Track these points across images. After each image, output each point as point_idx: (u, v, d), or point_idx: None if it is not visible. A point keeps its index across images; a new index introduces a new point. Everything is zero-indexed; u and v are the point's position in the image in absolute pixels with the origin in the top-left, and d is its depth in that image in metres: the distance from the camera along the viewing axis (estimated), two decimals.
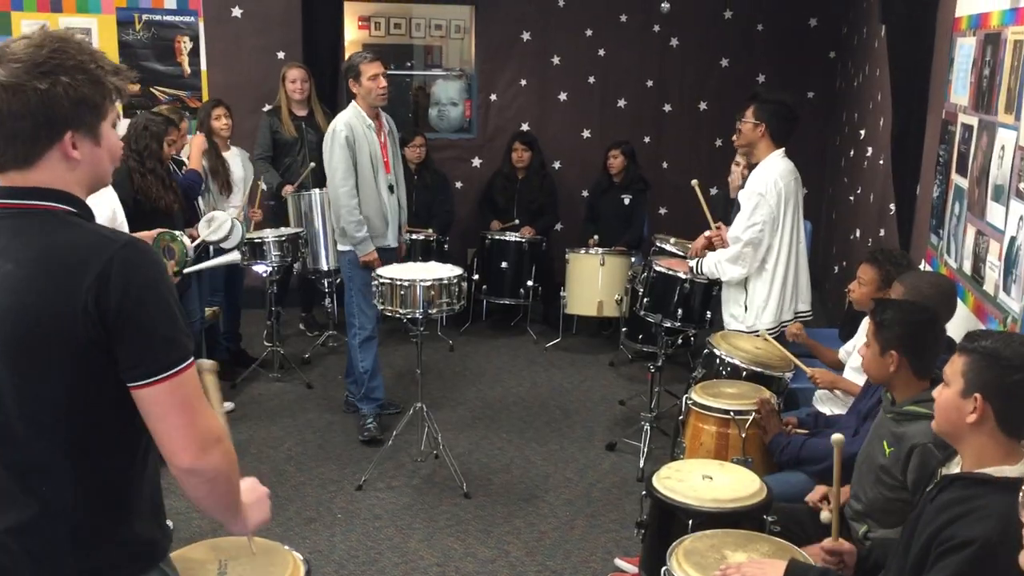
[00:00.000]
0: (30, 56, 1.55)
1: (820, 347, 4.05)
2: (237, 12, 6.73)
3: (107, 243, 1.55)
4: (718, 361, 3.95)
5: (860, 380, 3.61)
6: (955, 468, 2.07)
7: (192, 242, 4.26)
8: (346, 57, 7.03)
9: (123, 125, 4.95)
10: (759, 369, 3.85)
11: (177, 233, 4.11)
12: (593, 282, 6.16)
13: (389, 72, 4.97)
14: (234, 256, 4.56)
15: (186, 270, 4.06)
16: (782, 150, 4.11)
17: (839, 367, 3.87)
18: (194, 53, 6.74)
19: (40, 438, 1.58)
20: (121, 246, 1.55)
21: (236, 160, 5.68)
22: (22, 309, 1.53)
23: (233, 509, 1.77)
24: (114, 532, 1.65)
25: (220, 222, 4.49)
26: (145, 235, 4.06)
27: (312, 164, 5.89)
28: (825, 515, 2.37)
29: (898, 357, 2.67)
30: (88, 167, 1.63)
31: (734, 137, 4.22)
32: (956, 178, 3.68)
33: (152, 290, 1.55)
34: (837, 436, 2.36)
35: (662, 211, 7.32)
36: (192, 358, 1.61)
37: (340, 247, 4.90)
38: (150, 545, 1.71)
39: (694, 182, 4.64)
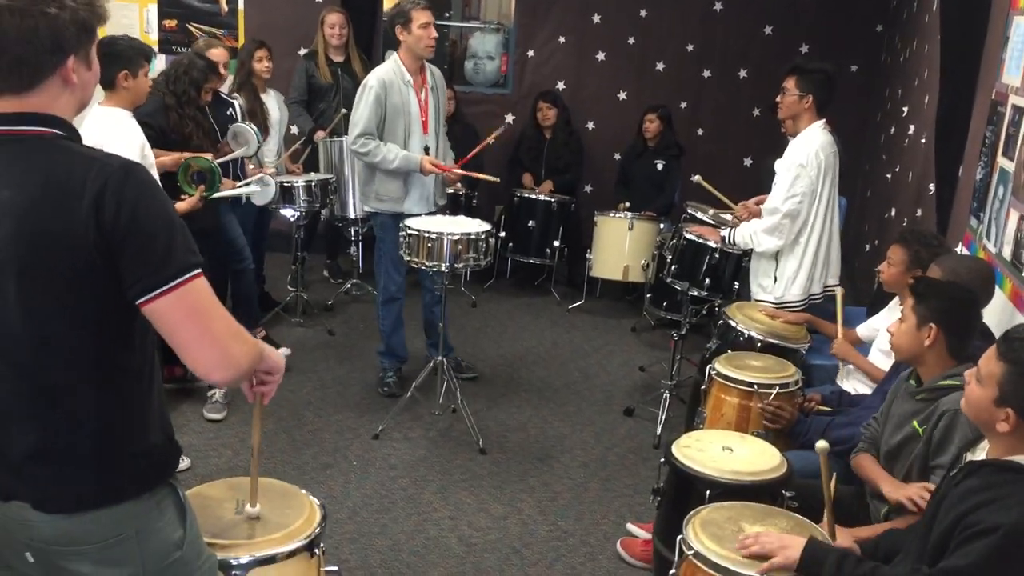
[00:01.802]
0: None
1: (835, 328, 3.98)
2: None
3: (102, 166, 1.57)
4: (734, 332, 3.93)
5: (883, 361, 3.57)
6: (980, 454, 2.04)
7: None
8: (384, 3, 6.99)
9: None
10: (775, 341, 3.84)
11: (205, 156, 4.12)
12: (620, 246, 6.11)
13: None
14: (259, 184, 4.57)
15: (215, 195, 4.07)
16: (823, 121, 4.03)
17: (857, 344, 3.84)
18: None
19: (53, 360, 1.61)
20: (116, 168, 1.58)
21: (273, 102, 5.65)
22: (24, 234, 1.55)
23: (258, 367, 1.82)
24: (131, 445, 1.69)
25: (247, 136, 4.56)
26: (172, 158, 4.06)
27: (344, 111, 5.83)
28: (820, 444, 2.32)
29: (936, 331, 2.61)
30: (80, 91, 1.66)
31: (779, 112, 4.13)
32: (1002, 161, 3.58)
33: (148, 207, 1.57)
34: (821, 444, 2.31)
35: (694, 178, 7.22)
36: (198, 269, 1.61)
37: (366, 208, 4.77)
38: (162, 456, 1.76)
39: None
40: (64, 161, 1.59)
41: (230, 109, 4.95)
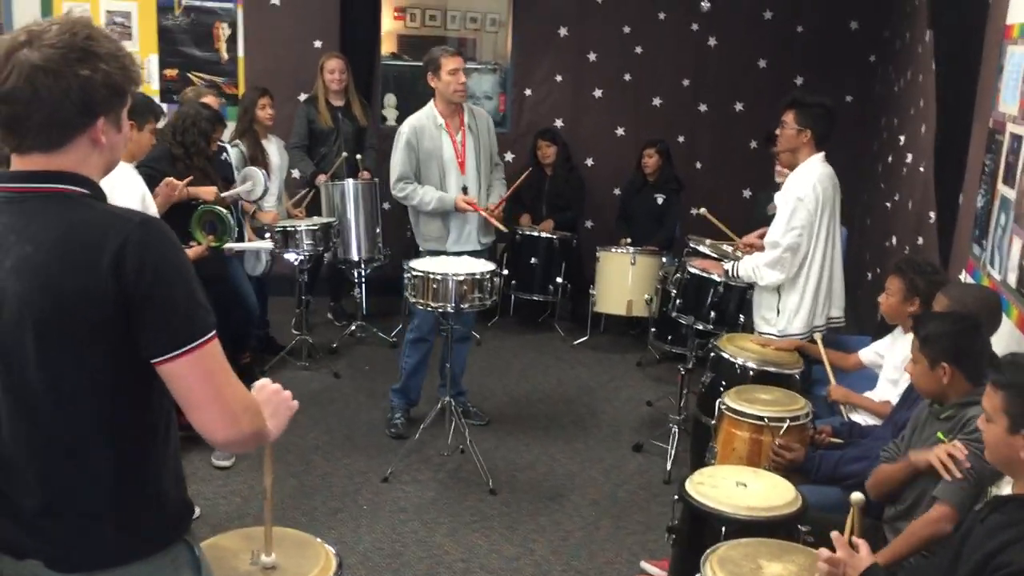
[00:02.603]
0: (66, 42, 1.56)
1: (838, 356, 3.98)
2: (276, 0, 6.73)
3: (123, 222, 1.58)
4: (727, 363, 3.96)
5: (891, 392, 3.57)
6: (1007, 489, 2.03)
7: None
8: (381, 47, 7.07)
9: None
10: (769, 368, 3.86)
11: (221, 209, 4.17)
12: (623, 281, 6.13)
13: (419, 64, 4.91)
14: (267, 244, 4.65)
15: (223, 246, 4.11)
16: (822, 154, 4.06)
17: (860, 368, 3.85)
18: (232, 40, 6.76)
19: (70, 415, 1.60)
20: (137, 224, 1.58)
21: (273, 148, 5.69)
22: (44, 290, 1.55)
23: (264, 442, 1.80)
24: (147, 503, 1.68)
25: (254, 179, 4.66)
26: (176, 193, 4.10)
27: (345, 154, 5.89)
28: (855, 495, 2.29)
29: (950, 369, 2.63)
30: (109, 153, 1.67)
31: (773, 147, 4.17)
32: (1003, 188, 3.61)
33: (168, 265, 1.58)
34: (856, 496, 2.28)
35: (694, 212, 7.24)
36: (213, 331, 1.62)
37: (420, 249, 4.82)
38: (176, 516, 1.74)
39: (702, 210, 4.71)
40: (85, 217, 1.59)
41: (224, 155, 5.01)
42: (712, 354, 4.14)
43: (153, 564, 1.68)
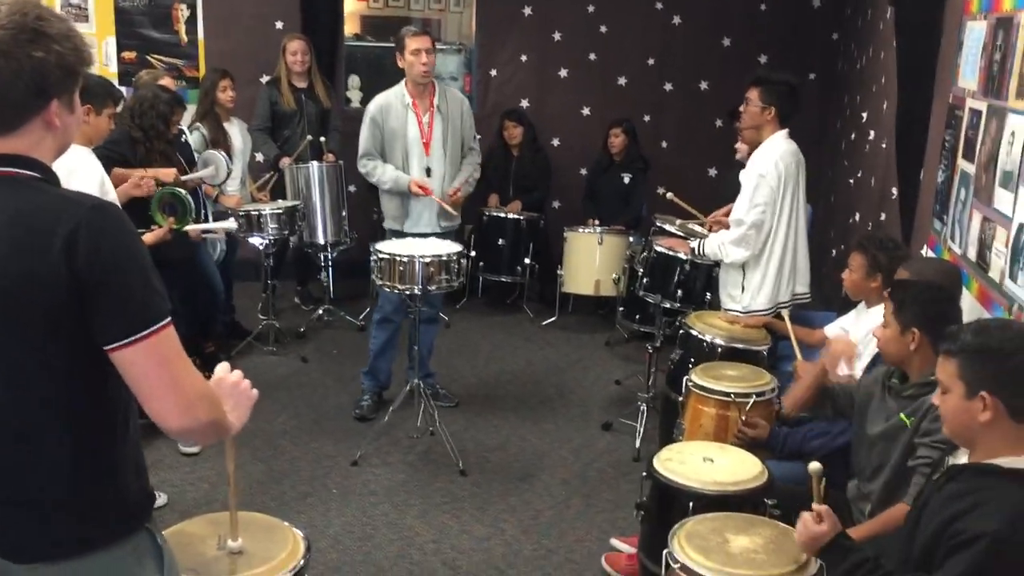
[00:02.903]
0: (16, 23, 1.53)
1: (805, 332, 4.02)
2: None
3: (75, 206, 1.55)
4: (695, 340, 3.99)
5: (856, 366, 3.62)
6: (963, 458, 2.06)
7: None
8: (344, 28, 6.99)
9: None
10: (737, 345, 3.90)
11: (180, 190, 4.11)
12: (591, 261, 6.14)
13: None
14: (231, 224, 4.60)
15: (184, 228, 4.06)
16: (786, 131, 4.07)
17: (824, 344, 3.90)
18: (191, 22, 6.66)
19: (24, 404, 1.58)
20: (89, 208, 1.55)
21: (236, 131, 5.63)
22: None
23: (223, 435, 1.79)
24: (103, 494, 1.65)
25: (216, 163, 4.62)
26: (132, 182, 4.04)
27: (310, 137, 5.84)
28: (813, 465, 2.33)
29: (919, 335, 2.66)
30: (62, 135, 1.64)
31: (737, 123, 4.19)
32: (963, 163, 3.65)
33: (123, 251, 1.55)
34: (814, 465, 2.31)
35: (660, 190, 7.24)
36: (168, 318, 1.59)
37: (384, 225, 4.81)
38: (137, 506, 1.72)
39: (668, 194, 4.78)
40: (36, 201, 1.56)
41: (184, 138, 4.94)
42: (681, 331, 4.17)
43: (113, 554, 1.66)
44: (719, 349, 3.92)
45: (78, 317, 1.54)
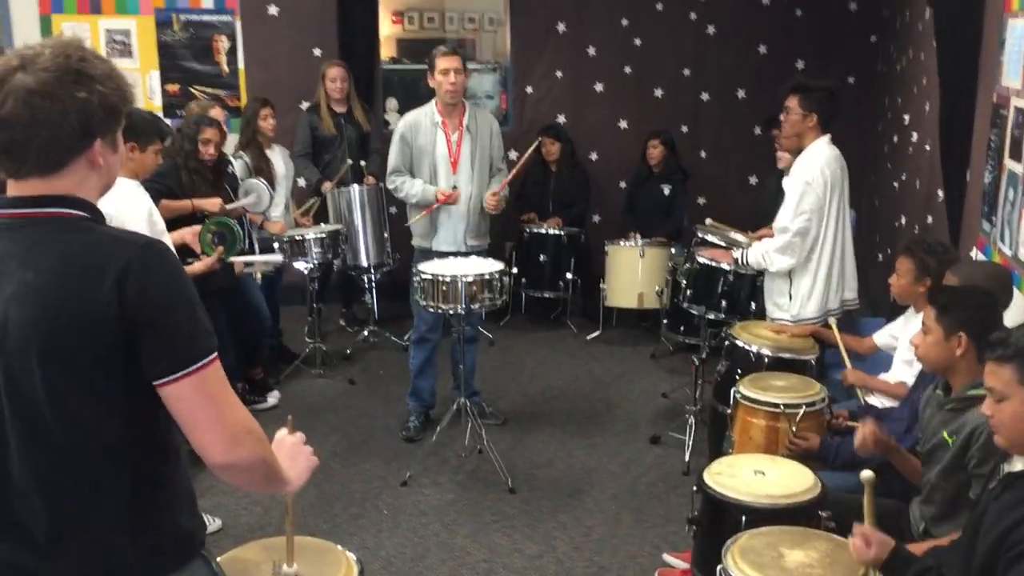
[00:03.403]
0: (60, 65, 1.56)
1: (853, 341, 3.97)
2: (274, 10, 6.75)
3: (124, 245, 1.58)
4: (742, 351, 3.94)
5: (906, 373, 3.56)
6: (1018, 465, 2.02)
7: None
8: (380, 52, 7.08)
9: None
10: (784, 355, 3.85)
11: (230, 220, 4.18)
12: (633, 274, 6.12)
13: (419, 67, 4.91)
14: (277, 257, 4.65)
15: (231, 258, 4.12)
16: (828, 136, 4.03)
17: (875, 352, 3.84)
18: (232, 52, 6.78)
19: (79, 442, 1.60)
20: (139, 247, 1.58)
21: (278, 158, 5.71)
22: (47, 317, 1.54)
23: (276, 484, 1.78)
24: (159, 524, 1.68)
25: (258, 191, 4.67)
26: (190, 231, 4.11)
27: (350, 162, 5.91)
28: (866, 473, 2.30)
29: (966, 340, 2.60)
30: (106, 174, 1.67)
31: (776, 132, 4.15)
32: (1009, 163, 3.59)
33: (170, 287, 1.58)
34: (867, 474, 2.28)
35: (700, 201, 7.23)
36: (215, 353, 1.62)
37: (413, 243, 4.86)
38: (190, 535, 1.74)
39: (707, 220, 4.81)
40: (86, 241, 1.59)
41: (230, 167, 5.02)
42: (727, 342, 4.13)
43: None
44: (766, 360, 3.86)
45: (129, 355, 1.57)
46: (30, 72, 1.54)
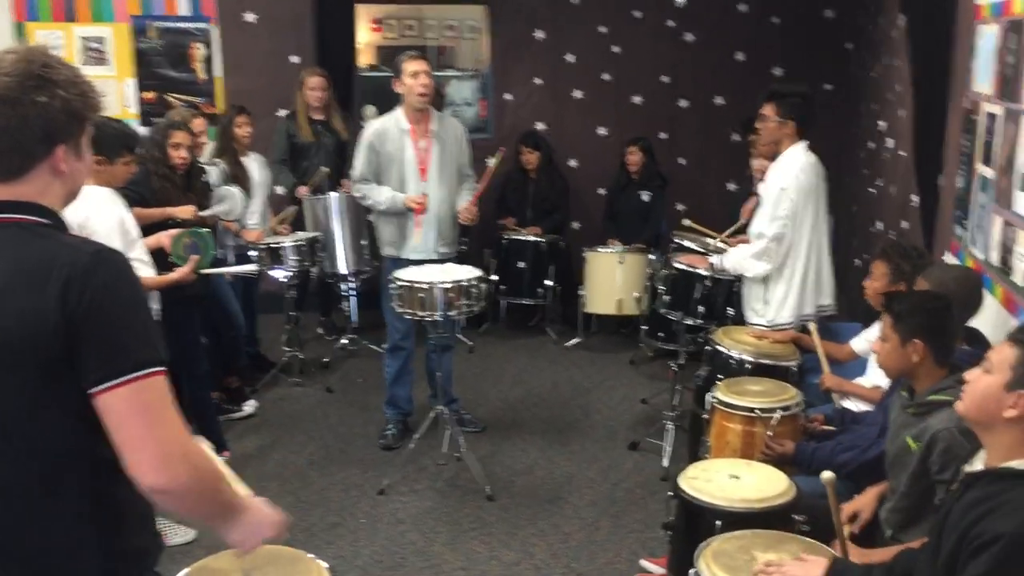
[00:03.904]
0: (21, 70, 1.55)
1: (832, 346, 3.98)
2: (251, 17, 6.73)
3: (74, 251, 1.55)
4: (723, 357, 3.95)
5: (882, 377, 3.57)
6: (979, 464, 2.03)
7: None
8: (359, 60, 7.06)
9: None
10: (765, 361, 3.85)
11: (203, 230, 4.13)
12: (612, 280, 6.13)
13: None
14: (252, 267, 4.61)
15: (204, 271, 4.08)
16: (805, 143, 4.05)
17: (854, 358, 3.85)
18: (208, 59, 6.75)
19: (15, 454, 1.56)
20: (89, 254, 1.54)
21: (254, 165, 5.69)
22: None
23: (217, 519, 1.70)
24: (100, 544, 1.62)
25: (232, 198, 4.62)
26: (167, 234, 4.06)
27: (325, 169, 5.89)
28: (826, 474, 2.35)
29: (922, 346, 2.63)
30: (70, 181, 1.65)
31: (752, 136, 4.17)
32: (981, 168, 3.62)
33: (114, 293, 1.53)
34: (827, 475, 2.31)
35: (679, 207, 7.24)
36: (160, 367, 1.56)
37: (382, 253, 4.84)
38: (140, 553, 1.70)
39: (685, 220, 4.89)
40: (40, 247, 1.56)
41: (204, 176, 4.98)
42: (708, 348, 4.13)
43: None
44: (747, 365, 3.87)
45: (71, 364, 1.52)
46: None
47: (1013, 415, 1.88)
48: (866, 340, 3.86)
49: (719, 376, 3.89)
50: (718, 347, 4.02)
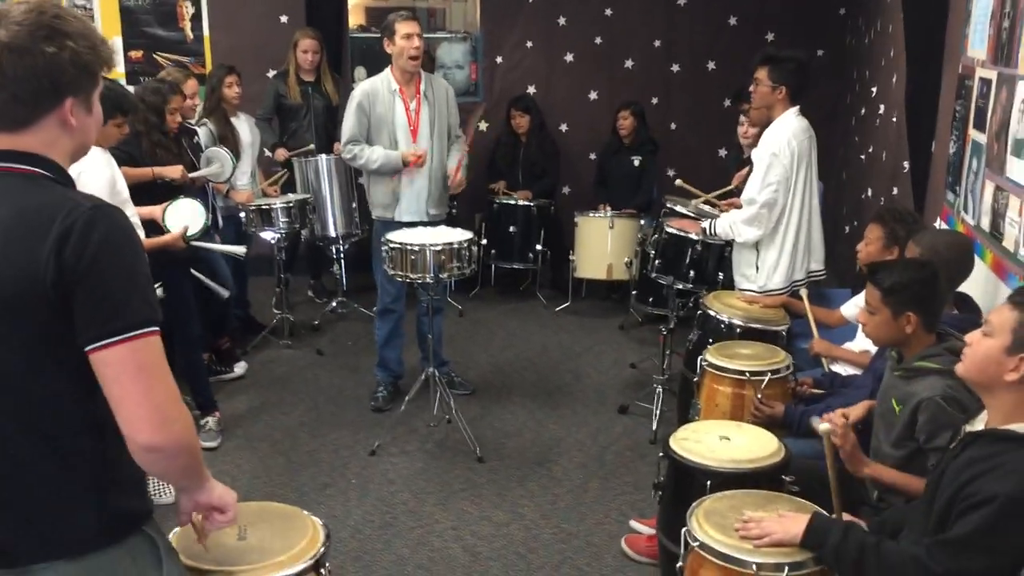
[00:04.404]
0: (32, 20, 1.53)
1: (823, 312, 4.00)
2: None
3: (74, 205, 1.53)
4: (714, 321, 3.96)
5: (869, 342, 3.60)
6: (980, 425, 2.05)
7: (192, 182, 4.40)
8: (350, 19, 6.99)
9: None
10: (756, 325, 3.88)
11: (196, 202, 4.09)
12: (602, 245, 6.13)
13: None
14: (240, 249, 4.59)
15: (194, 242, 4.05)
16: (796, 108, 4.05)
17: (844, 324, 3.87)
18: (196, 18, 6.67)
19: (14, 410, 1.56)
20: (88, 208, 1.53)
21: (244, 126, 5.64)
22: None
23: (194, 479, 1.74)
24: (96, 503, 1.62)
25: (221, 160, 4.58)
26: (160, 207, 4.03)
27: (312, 146, 5.84)
28: (823, 426, 2.37)
29: (915, 318, 2.64)
30: (79, 135, 1.64)
31: (745, 105, 4.15)
32: (974, 134, 3.62)
33: (111, 250, 1.52)
34: (823, 425, 2.33)
35: (671, 172, 7.20)
36: (155, 327, 1.55)
37: (372, 215, 4.81)
38: (131, 514, 1.69)
39: (677, 180, 4.80)
40: (41, 199, 1.55)
41: (196, 137, 4.94)
42: (699, 312, 4.15)
43: (106, 557, 1.63)
44: (737, 330, 3.89)
45: (64, 319, 1.51)
46: (2, 26, 1.52)
47: (1014, 378, 1.90)
48: (856, 305, 3.88)
49: (709, 340, 3.91)
50: (708, 311, 4.04)
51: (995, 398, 1.97)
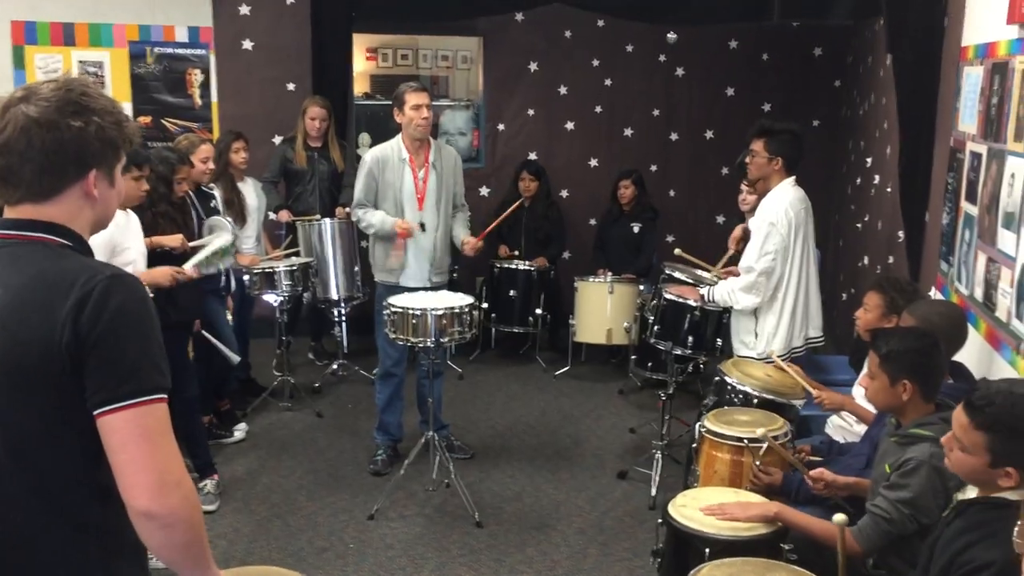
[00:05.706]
0: (60, 97, 1.61)
1: (862, 411, 3.89)
2: (248, 44, 6.81)
3: (93, 273, 1.58)
4: (729, 389, 3.96)
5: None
6: (971, 493, 2.07)
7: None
8: (354, 89, 7.14)
9: None
10: (771, 397, 3.85)
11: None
12: (602, 310, 6.18)
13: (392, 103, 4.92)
14: (234, 358, 4.66)
15: (189, 262, 4.12)
16: (793, 178, 4.14)
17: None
18: (205, 85, 6.81)
19: (19, 469, 1.58)
20: (107, 276, 1.57)
21: (250, 190, 5.72)
22: (7, 331, 1.55)
23: (197, 561, 1.66)
24: (98, 570, 1.63)
25: (222, 227, 4.63)
26: (162, 272, 4.07)
27: (318, 217, 5.92)
28: (839, 517, 2.38)
29: (910, 386, 2.68)
30: (101, 207, 1.69)
31: (744, 184, 4.24)
32: (966, 205, 3.70)
33: (126, 317, 1.56)
34: (839, 516, 2.35)
35: (669, 239, 7.33)
36: (163, 395, 1.58)
37: (375, 279, 4.89)
38: None
39: (676, 250, 4.94)
40: (59, 266, 1.60)
41: (213, 201, 5.02)
42: (716, 379, 4.11)
43: None
44: (754, 400, 3.80)
45: (77, 385, 1.54)
46: (32, 102, 1.59)
47: (1010, 484, 1.95)
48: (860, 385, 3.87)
49: (724, 408, 3.88)
50: (726, 378, 3.98)
51: (993, 491, 2.01)
